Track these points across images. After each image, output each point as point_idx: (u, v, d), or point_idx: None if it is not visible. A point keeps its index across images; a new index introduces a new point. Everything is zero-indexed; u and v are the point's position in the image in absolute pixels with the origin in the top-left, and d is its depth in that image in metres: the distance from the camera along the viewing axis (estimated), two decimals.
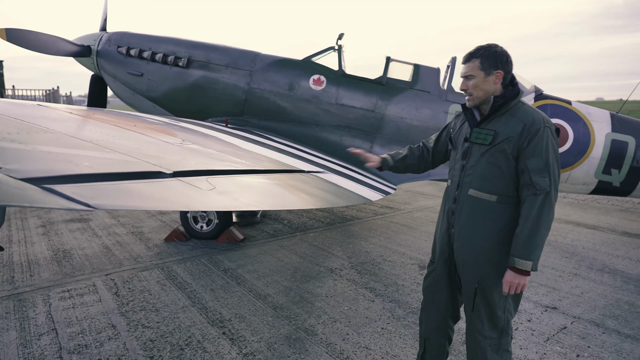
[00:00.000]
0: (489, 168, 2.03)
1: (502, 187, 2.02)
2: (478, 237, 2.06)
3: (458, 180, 2.16)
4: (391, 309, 3.60)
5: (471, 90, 2.09)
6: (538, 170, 1.93)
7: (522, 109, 2.05)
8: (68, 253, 4.90)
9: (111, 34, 6.04)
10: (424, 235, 5.77)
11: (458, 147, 2.23)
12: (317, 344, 3.05)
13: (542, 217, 1.92)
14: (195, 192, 1.42)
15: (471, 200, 2.08)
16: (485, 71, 2.05)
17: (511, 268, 1.96)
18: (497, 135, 2.01)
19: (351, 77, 5.69)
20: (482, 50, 2.07)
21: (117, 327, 3.26)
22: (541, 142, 1.95)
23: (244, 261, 4.69)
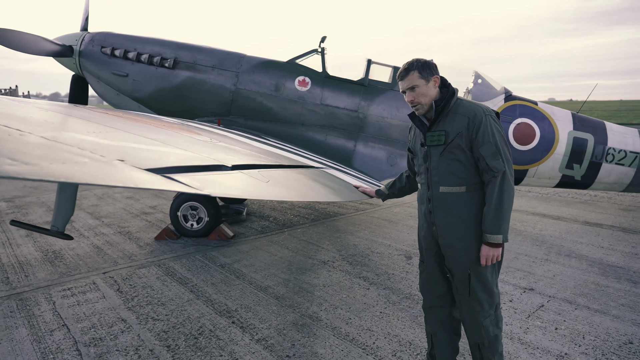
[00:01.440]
0: (451, 163, 2.24)
1: (467, 177, 2.23)
2: (459, 227, 2.25)
3: (427, 182, 2.35)
4: (386, 295, 3.87)
5: (418, 99, 2.26)
6: (491, 155, 2.16)
7: (462, 105, 2.26)
8: (59, 253, 4.90)
9: (94, 34, 6.02)
10: (406, 228, 6.09)
11: (417, 153, 2.43)
12: (323, 328, 3.27)
13: (504, 194, 2.15)
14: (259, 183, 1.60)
15: (444, 196, 2.27)
16: (425, 79, 2.24)
17: (485, 243, 2.20)
18: (448, 133, 2.22)
19: (335, 78, 5.94)
20: (415, 63, 2.27)
21: (127, 321, 3.37)
22: (486, 129, 2.18)
23: (238, 256, 4.85)
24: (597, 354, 2.95)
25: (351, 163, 5.87)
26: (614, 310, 3.60)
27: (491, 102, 5.96)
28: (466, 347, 2.83)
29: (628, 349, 3.03)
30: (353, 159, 5.89)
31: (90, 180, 1.04)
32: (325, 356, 2.90)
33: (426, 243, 2.45)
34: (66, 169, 1.00)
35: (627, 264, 4.70)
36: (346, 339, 3.12)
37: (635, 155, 6.07)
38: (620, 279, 4.29)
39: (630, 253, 5.08)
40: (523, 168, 5.89)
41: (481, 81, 6.15)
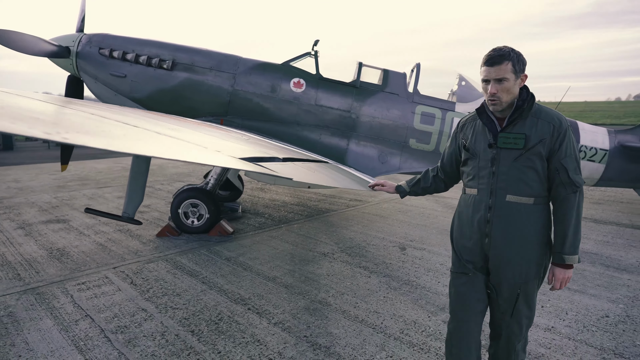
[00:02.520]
0: (525, 171, 2.02)
1: (538, 188, 2.04)
2: (519, 241, 2.04)
3: (489, 187, 2.10)
4: (387, 282, 4.17)
5: (501, 94, 2.01)
6: (574, 169, 2.00)
7: (543, 110, 2.07)
8: (63, 251, 5.00)
9: (91, 36, 6.11)
10: (396, 222, 6.42)
11: (479, 154, 2.15)
12: (334, 312, 3.54)
13: (580, 212, 2.02)
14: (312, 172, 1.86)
15: (509, 206, 2.05)
16: (516, 74, 2.01)
17: (560, 265, 2.04)
18: (528, 138, 2.01)
19: (328, 80, 6.22)
20: (511, 53, 2.00)
21: (147, 310, 3.55)
22: (570, 141, 2.02)
23: (241, 250, 5.06)
24: (579, 327, 3.33)
25: (344, 161, 6.16)
26: (591, 290, 4.01)
27: (474, 102, 6.35)
28: None
29: (605, 321, 3.42)
30: (346, 157, 6.17)
31: (216, 163, 1.33)
32: (340, 335, 3.17)
33: (471, 255, 2.17)
34: (200, 155, 1.25)
35: (599, 251, 5.15)
36: (356, 320, 3.40)
37: (605, 152, 6.58)
38: (594, 263, 4.72)
39: (602, 241, 5.55)
40: None
41: (465, 83, 6.53)
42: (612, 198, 8.49)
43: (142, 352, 2.94)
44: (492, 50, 2.02)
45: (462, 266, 2.22)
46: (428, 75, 6.48)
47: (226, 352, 2.95)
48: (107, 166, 12.81)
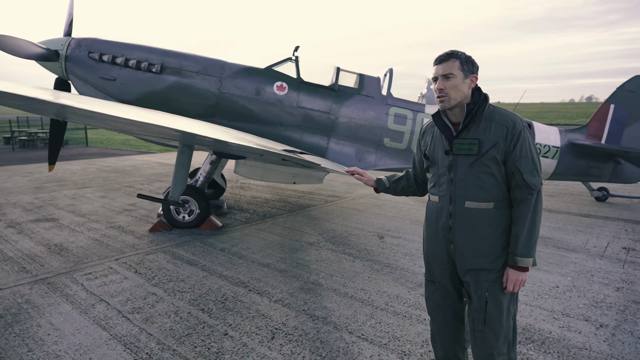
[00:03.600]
0: (482, 177, 2.02)
1: (497, 192, 2.03)
2: (482, 246, 2.04)
3: (449, 194, 2.10)
4: (370, 265, 4.67)
5: (449, 90, 2.01)
6: (529, 171, 1.97)
7: (497, 112, 2.05)
8: (61, 246, 5.24)
9: (81, 40, 6.32)
10: (373, 215, 6.95)
11: (437, 161, 2.16)
12: (326, 290, 4.01)
13: (537, 214, 2.00)
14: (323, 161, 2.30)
15: (469, 212, 2.05)
16: (464, 73, 2.01)
17: (513, 267, 2.02)
18: (482, 143, 2.00)
19: (309, 83, 6.68)
20: (459, 53, 2.03)
21: (157, 294, 3.91)
22: (525, 142, 1.99)
23: (233, 242, 5.45)
24: (534, 295, 3.93)
25: (325, 158, 6.63)
26: (545, 267, 4.65)
27: None
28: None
29: (555, 290, 4.04)
30: (327, 155, 6.64)
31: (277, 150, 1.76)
32: (333, 308, 3.64)
33: (440, 262, 2.20)
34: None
35: (552, 235, 5.85)
36: (346, 296, 3.88)
37: (557, 149, 7.36)
38: (548, 245, 5.39)
39: (554, 227, 6.27)
40: None
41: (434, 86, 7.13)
42: (563, 191, 9.36)
43: (160, 327, 3.31)
44: (443, 53, 2.07)
45: (431, 274, 2.28)
46: (399, 79, 7.06)
47: (236, 324, 3.36)
48: (81, 167, 12.79)
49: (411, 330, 3.29)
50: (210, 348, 3.02)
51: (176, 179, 4.55)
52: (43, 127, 25.60)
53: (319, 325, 3.35)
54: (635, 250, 5.22)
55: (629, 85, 7.58)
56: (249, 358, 2.90)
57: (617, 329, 3.30)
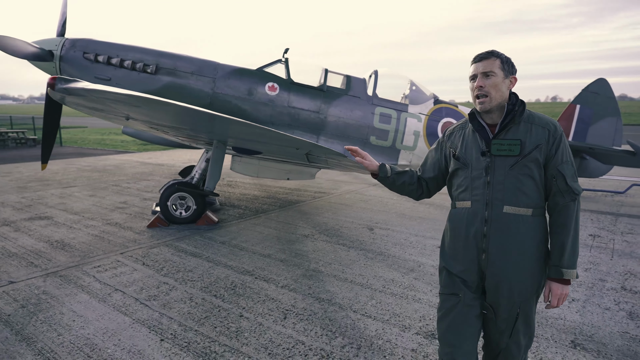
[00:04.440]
0: (523, 180, 1.91)
1: (536, 198, 1.93)
2: (519, 257, 1.91)
3: (485, 198, 1.95)
4: (364, 254, 5.03)
5: (489, 89, 1.92)
6: (571, 175, 1.90)
7: (536, 115, 1.98)
8: (63, 242, 5.38)
9: (75, 40, 6.42)
10: (360, 209, 7.32)
11: (471, 163, 2.02)
12: (327, 276, 4.34)
13: (578, 222, 1.92)
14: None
15: (507, 218, 1.91)
16: (505, 73, 1.94)
17: (557, 280, 1.91)
18: (524, 144, 1.91)
19: (299, 84, 6.98)
20: (499, 52, 1.96)
21: (169, 283, 4.15)
22: (565, 147, 1.93)
23: (232, 235, 5.71)
24: None
25: None
26: None
27: (424, 105, 7.40)
28: None
29: None
30: None
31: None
32: (336, 291, 3.98)
33: (468, 275, 2.01)
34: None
35: None
36: (346, 281, 4.22)
37: None
38: None
39: None
40: None
41: (415, 88, 7.56)
42: None
43: (179, 311, 3.57)
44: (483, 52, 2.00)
45: (453, 286, 2.05)
46: (383, 80, 7.45)
47: (249, 307, 3.65)
48: (61, 167, 12.68)
49: (409, 308, 3.66)
50: (230, 328, 3.31)
51: (212, 171, 5.13)
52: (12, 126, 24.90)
53: (325, 306, 3.68)
54: (600, 236, 5.77)
55: (593, 87, 8.21)
56: (266, 335, 3.20)
57: (587, 302, 3.76)
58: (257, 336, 3.19)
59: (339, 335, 3.21)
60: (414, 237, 5.70)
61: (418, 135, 7.25)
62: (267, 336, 3.19)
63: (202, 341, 3.11)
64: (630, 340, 3.14)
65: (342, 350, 3.00)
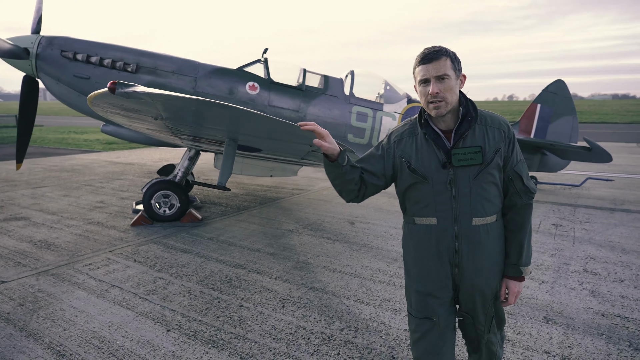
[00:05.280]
0: (487, 188, 1.82)
1: (498, 203, 1.89)
2: (488, 264, 1.89)
3: (453, 213, 1.84)
4: (349, 246, 5.29)
5: (444, 93, 1.74)
6: (526, 175, 1.87)
7: (486, 115, 1.89)
8: (47, 242, 5.35)
9: (52, 38, 6.34)
10: (339, 205, 7.58)
11: (431, 176, 1.85)
12: (316, 267, 4.57)
13: (531, 220, 1.93)
14: None
15: (477, 230, 1.84)
16: (456, 72, 1.78)
17: (515, 278, 1.92)
18: (485, 150, 1.80)
19: (278, 84, 7.16)
20: (448, 50, 1.78)
21: (165, 278, 4.26)
22: (517, 145, 1.88)
23: (218, 232, 5.84)
24: None
25: None
26: None
27: (398, 104, 7.74)
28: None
29: None
30: None
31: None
32: (327, 281, 4.21)
33: (442, 291, 1.93)
34: None
35: None
36: (336, 271, 4.47)
37: None
38: None
39: None
40: None
41: (389, 88, 7.90)
42: None
43: (179, 304, 3.70)
44: (426, 49, 1.79)
45: (426, 309, 1.95)
46: (359, 81, 7.73)
47: (247, 298, 3.83)
48: (25, 167, 12.23)
49: (397, 293, 3.94)
50: (232, 317, 3.48)
51: (224, 167, 5.19)
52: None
53: (319, 294, 3.90)
54: (561, 225, 6.28)
55: (552, 88, 8.81)
56: (268, 322, 3.40)
57: (555, 284, 4.17)
58: (260, 323, 3.38)
59: (336, 319, 3.45)
60: (394, 229, 6.01)
61: None
62: (269, 323, 3.38)
63: (207, 330, 3.27)
64: (594, 314, 3.54)
65: (342, 333, 3.24)
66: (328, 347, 3.05)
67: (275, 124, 4.15)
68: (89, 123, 32.89)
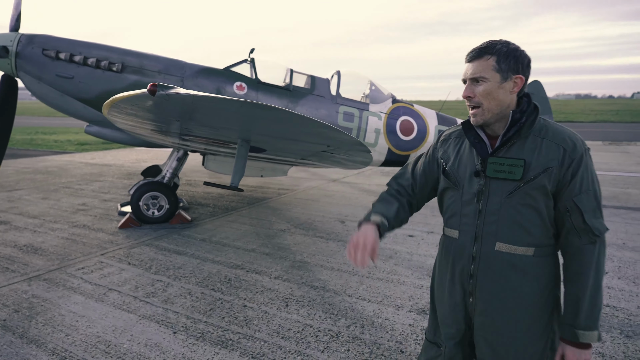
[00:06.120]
0: (523, 211, 1.54)
1: (541, 235, 1.56)
2: (514, 306, 1.57)
3: (475, 230, 1.62)
4: (342, 245, 5.35)
5: (480, 98, 1.55)
6: (591, 210, 1.51)
7: (551, 128, 1.58)
8: (34, 247, 5.19)
9: (33, 36, 6.14)
10: (327, 204, 7.64)
11: (462, 184, 1.67)
12: (314, 266, 4.61)
13: (601, 271, 1.52)
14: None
15: (500, 257, 1.57)
16: (502, 74, 1.53)
17: (572, 343, 1.52)
18: (528, 165, 1.52)
19: (266, 84, 7.16)
20: (498, 46, 1.54)
21: (163, 281, 4.21)
22: (587, 172, 1.52)
23: (210, 233, 5.80)
24: None
25: None
26: None
27: (383, 104, 7.86)
28: None
29: None
30: None
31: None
32: (327, 279, 4.27)
33: (453, 320, 1.71)
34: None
35: None
36: (334, 270, 4.52)
37: None
38: None
39: None
40: (407, 153, 7.93)
41: (374, 88, 8.00)
42: None
43: (182, 306, 3.68)
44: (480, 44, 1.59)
45: (435, 333, 1.81)
46: (343, 81, 7.81)
47: (250, 298, 3.84)
48: None
49: (397, 290, 4.03)
50: (237, 317, 3.49)
51: (236, 168, 5.16)
52: None
53: (321, 293, 3.95)
54: None
55: (529, 89, 9.09)
56: (275, 321, 3.43)
57: None
58: (267, 323, 3.40)
59: (341, 317, 3.51)
60: None
61: (379, 132, 7.69)
62: (276, 322, 3.41)
63: (214, 331, 3.27)
64: None
65: (348, 330, 3.30)
66: (337, 344, 3.11)
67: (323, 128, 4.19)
68: (55, 123, 31.89)
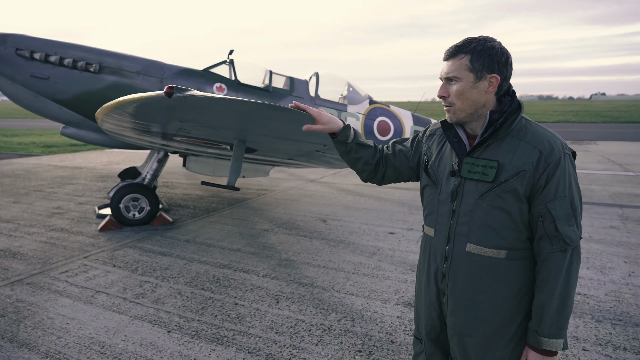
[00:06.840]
0: (495, 214, 1.52)
1: (513, 238, 1.53)
2: (485, 309, 1.57)
3: (447, 230, 1.62)
4: (326, 243, 5.47)
5: (453, 98, 1.54)
6: (565, 217, 1.46)
7: (530, 129, 1.54)
8: (11, 251, 5.08)
9: (6, 36, 5.98)
10: (307, 204, 7.74)
11: (440, 182, 1.66)
12: (300, 264, 4.71)
13: (572, 279, 1.48)
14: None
15: (471, 258, 1.57)
16: (476, 73, 1.50)
17: (535, 349, 1.50)
18: (501, 167, 1.50)
19: (245, 85, 7.20)
20: (474, 44, 1.51)
21: (151, 282, 4.22)
22: (564, 177, 1.47)
23: (194, 234, 5.80)
24: None
25: None
26: None
27: (360, 105, 8.03)
28: None
29: None
30: None
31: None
32: (314, 276, 4.37)
33: (428, 318, 1.74)
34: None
35: None
36: (320, 267, 4.63)
37: None
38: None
39: None
40: None
41: (352, 89, 8.17)
42: None
43: (173, 305, 3.71)
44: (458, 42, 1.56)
45: (418, 329, 1.83)
46: (322, 82, 7.94)
47: (240, 296, 3.91)
48: None
49: (382, 284, 4.18)
50: (230, 315, 3.55)
51: (232, 168, 5.14)
52: None
53: (310, 289, 4.06)
54: None
55: None
56: (267, 318, 3.51)
57: None
58: (259, 319, 3.48)
59: (331, 311, 3.62)
60: (365, 225, 6.27)
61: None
62: (268, 318, 3.49)
63: (208, 329, 3.33)
64: None
65: (340, 323, 3.42)
66: (330, 337, 3.22)
67: None
68: (15, 125, 30.65)
